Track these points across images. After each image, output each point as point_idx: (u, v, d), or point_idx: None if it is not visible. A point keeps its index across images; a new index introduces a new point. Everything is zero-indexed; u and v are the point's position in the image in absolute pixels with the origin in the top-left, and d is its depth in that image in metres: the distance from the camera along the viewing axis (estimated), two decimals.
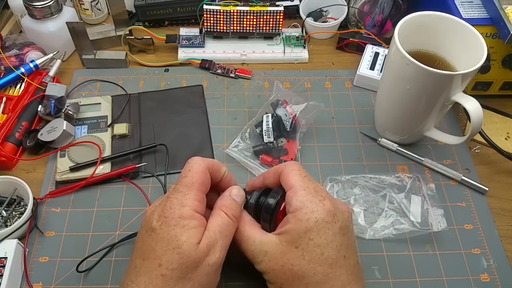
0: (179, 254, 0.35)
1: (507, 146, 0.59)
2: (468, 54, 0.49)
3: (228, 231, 0.38)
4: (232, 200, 0.40)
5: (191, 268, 0.35)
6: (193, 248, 0.35)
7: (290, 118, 0.56)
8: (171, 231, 0.36)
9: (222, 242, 0.37)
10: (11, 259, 0.45)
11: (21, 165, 0.56)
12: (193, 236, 0.36)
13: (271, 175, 0.42)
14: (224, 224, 0.38)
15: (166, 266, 0.35)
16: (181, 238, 0.35)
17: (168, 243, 0.35)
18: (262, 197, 0.42)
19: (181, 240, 0.35)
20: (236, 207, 0.40)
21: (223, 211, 0.39)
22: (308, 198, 0.38)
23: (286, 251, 0.37)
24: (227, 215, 0.39)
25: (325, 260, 0.36)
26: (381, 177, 0.54)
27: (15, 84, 0.62)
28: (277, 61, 0.69)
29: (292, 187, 0.39)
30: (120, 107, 0.61)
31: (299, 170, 0.40)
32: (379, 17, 0.70)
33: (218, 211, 0.39)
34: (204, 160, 0.41)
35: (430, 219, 0.50)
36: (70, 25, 0.62)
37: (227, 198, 0.40)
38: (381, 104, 0.57)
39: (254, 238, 0.39)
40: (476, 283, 0.47)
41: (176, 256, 0.35)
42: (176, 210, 0.36)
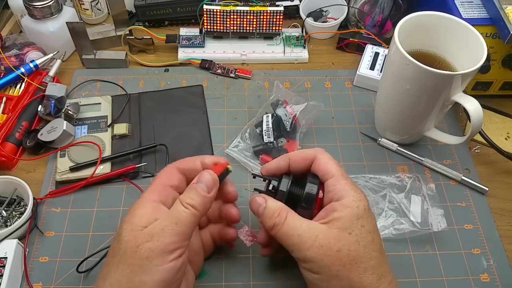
0: (119, 241, 0.36)
1: (507, 146, 0.59)
2: (468, 54, 0.49)
3: (178, 218, 0.37)
4: (191, 188, 0.39)
5: (130, 253, 0.35)
6: (133, 234, 0.36)
7: (290, 118, 0.56)
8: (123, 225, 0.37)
9: (169, 228, 0.36)
10: (11, 259, 0.45)
11: (21, 165, 0.56)
12: (135, 223, 0.36)
13: (300, 161, 0.42)
14: (176, 211, 0.37)
15: (109, 254, 0.37)
16: (123, 226, 0.37)
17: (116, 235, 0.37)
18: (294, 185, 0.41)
19: (122, 228, 0.37)
20: (196, 195, 0.38)
21: (179, 199, 0.38)
22: (351, 187, 0.39)
23: (340, 237, 0.37)
24: (182, 204, 0.38)
25: (376, 246, 0.38)
26: (381, 177, 0.54)
27: (15, 84, 0.62)
28: (277, 61, 0.69)
29: (333, 175, 0.40)
30: (120, 107, 0.61)
31: (333, 159, 0.41)
32: (379, 17, 0.70)
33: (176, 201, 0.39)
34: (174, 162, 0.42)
35: (430, 219, 0.50)
36: (70, 25, 0.62)
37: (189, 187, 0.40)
38: (381, 104, 0.57)
39: (301, 223, 0.38)
40: (476, 283, 0.47)
41: (116, 244, 0.36)
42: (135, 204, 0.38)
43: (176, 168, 0.41)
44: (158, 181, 0.40)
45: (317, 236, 0.37)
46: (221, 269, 0.47)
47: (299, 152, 0.42)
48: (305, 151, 0.42)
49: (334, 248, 0.36)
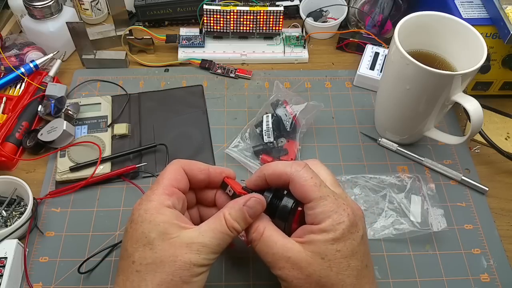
0: (152, 249, 0.35)
1: (507, 146, 0.59)
2: (468, 54, 0.49)
3: (222, 240, 0.36)
4: (241, 212, 0.37)
5: (169, 262, 0.34)
6: (167, 243, 0.35)
7: (290, 118, 0.56)
8: (139, 228, 0.36)
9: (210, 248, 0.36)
10: (11, 259, 0.45)
11: (21, 165, 0.56)
12: (165, 232, 0.35)
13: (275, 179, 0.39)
14: (220, 232, 0.36)
15: (140, 262, 0.35)
16: (150, 235, 0.35)
17: (137, 240, 0.35)
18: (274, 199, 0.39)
19: (151, 237, 0.35)
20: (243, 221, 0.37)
21: (225, 218, 0.37)
22: (331, 207, 0.36)
23: (312, 261, 0.35)
24: (226, 224, 0.37)
25: (351, 271, 0.36)
26: (381, 177, 0.54)
27: (15, 84, 0.62)
28: (277, 61, 0.69)
29: (310, 200, 0.37)
30: (120, 107, 0.61)
31: (312, 178, 0.37)
32: (379, 17, 0.70)
33: (221, 216, 0.37)
34: (180, 160, 0.41)
35: (430, 219, 0.50)
36: (70, 25, 0.62)
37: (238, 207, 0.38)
38: (381, 104, 0.57)
39: (276, 240, 0.37)
40: (476, 283, 0.47)
41: (149, 252, 0.35)
42: (143, 206, 0.37)
43: (182, 169, 0.40)
44: (168, 182, 0.38)
45: (290, 257, 0.36)
46: (221, 269, 0.47)
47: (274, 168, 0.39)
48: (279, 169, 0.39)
49: (304, 272, 0.35)
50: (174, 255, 0.34)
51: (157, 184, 0.38)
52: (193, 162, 0.41)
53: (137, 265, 0.35)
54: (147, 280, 0.34)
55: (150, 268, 0.34)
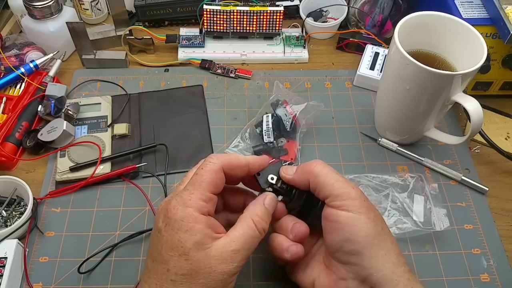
0: (187, 260, 0.34)
1: (507, 146, 0.59)
2: (468, 54, 0.49)
3: (251, 244, 0.37)
4: (265, 209, 0.38)
5: (203, 274, 0.34)
6: (202, 253, 0.34)
7: (290, 118, 0.56)
8: (175, 235, 0.35)
9: (243, 253, 0.36)
10: (11, 259, 0.45)
11: (21, 165, 0.56)
12: (200, 242, 0.35)
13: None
14: (249, 237, 0.36)
15: (175, 271, 0.34)
16: (186, 245, 0.34)
17: (173, 248, 0.35)
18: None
19: (187, 247, 0.34)
20: (268, 218, 0.38)
21: (254, 221, 0.37)
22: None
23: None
24: (256, 226, 0.37)
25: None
26: (384, 176, 0.54)
27: (15, 84, 0.62)
28: (277, 61, 0.69)
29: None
30: (120, 107, 0.61)
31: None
32: (379, 17, 0.70)
33: (248, 220, 0.37)
34: (220, 158, 0.38)
35: (433, 218, 0.49)
36: (70, 25, 0.62)
37: (261, 206, 0.38)
38: (381, 104, 0.57)
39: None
40: (476, 283, 0.47)
41: (185, 263, 0.34)
42: (179, 212, 0.35)
43: (222, 170, 0.38)
44: (206, 187, 0.37)
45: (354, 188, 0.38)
46: None
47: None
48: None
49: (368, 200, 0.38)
50: (209, 266, 0.34)
51: (194, 187, 0.37)
52: (233, 158, 0.39)
53: (172, 274, 0.34)
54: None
55: (185, 279, 0.34)
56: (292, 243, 0.40)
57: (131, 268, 0.48)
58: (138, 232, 0.49)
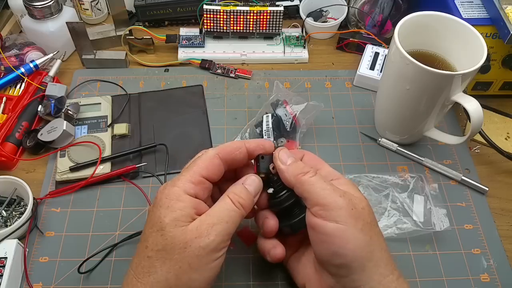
0: (163, 236, 0.35)
1: (507, 146, 0.59)
2: (468, 54, 0.49)
3: (229, 217, 0.37)
4: (242, 188, 0.39)
5: (178, 249, 0.34)
6: (179, 230, 0.35)
7: (290, 118, 0.56)
8: (156, 211, 0.36)
9: (220, 226, 0.36)
10: (11, 259, 0.45)
11: (21, 165, 0.56)
12: (178, 219, 0.35)
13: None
14: (225, 210, 0.37)
15: (151, 247, 0.35)
16: (164, 220, 0.35)
17: (153, 224, 0.36)
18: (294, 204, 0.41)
19: (164, 222, 0.35)
20: (246, 195, 0.38)
21: (229, 197, 0.38)
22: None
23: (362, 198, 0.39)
24: (232, 201, 0.37)
25: None
26: (384, 176, 0.54)
27: (15, 84, 0.62)
28: (277, 61, 0.69)
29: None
30: (120, 107, 0.61)
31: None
32: (379, 17, 0.70)
33: (224, 197, 0.38)
34: (216, 148, 0.40)
35: (433, 218, 0.49)
36: (70, 25, 0.62)
37: (238, 185, 0.39)
38: (381, 104, 0.57)
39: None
40: (476, 283, 0.47)
41: (160, 238, 0.35)
42: (166, 190, 0.37)
43: (218, 157, 0.39)
44: (197, 170, 0.38)
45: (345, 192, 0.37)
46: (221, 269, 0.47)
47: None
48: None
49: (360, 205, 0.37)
50: (184, 242, 0.34)
51: (186, 171, 0.38)
52: (227, 144, 0.40)
53: (149, 250, 0.35)
54: (156, 266, 0.35)
55: (160, 254, 0.35)
56: (272, 245, 0.41)
57: None
58: (138, 232, 0.49)
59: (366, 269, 0.36)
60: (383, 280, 0.36)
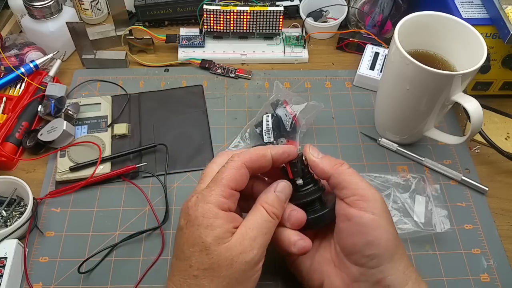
0: (208, 255, 0.35)
1: (507, 146, 0.59)
2: (468, 54, 0.49)
3: (267, 228, 0.37)
4: (275, 196, 0.39)
5: (225, 266, 0.35)
6: (223, 247, 0.35)
7: (290, 118, 0.56)
8: (195, 231, 0.35)
9: (261, 239, 0.36)
10: (11, 259, 0.45)
11: (21, 165, 0.56)
12: (220, 236, 0.35)
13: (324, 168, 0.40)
14: (263, 222, 0.37)
15: (197, 267, 0.35)
16: (206, 239, 0.35)
17: (194, 244, 0.35)
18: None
19: (207, 242, 0.35)
20: (279, 204, 0.39)
21: (264, 207, 0.38)
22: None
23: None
24: (267, 212, 0.38)
25: None
26: (386, 176, 0.54)
27: (15, 84, 0.62)
28: (277, 61, 0.69)
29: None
30: (120, 107, 0.61)
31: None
32: (379, 17, 0.70)
33: (258, 207, 0.38)
34: (241, 155, 0.39)
35: (433, 219, 0.49)
36: (70, 25, 0.62)
37: (270, 194, 0.39)
38: (381, 104, 0.57)
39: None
40: (476, 283, 0.47)
41: (206, 257, 0.35)
42: (199, 208, 0.36)
43: (245, 166, 0.38)
44: (226, 183, 0.37)
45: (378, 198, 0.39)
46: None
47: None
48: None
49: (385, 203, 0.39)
50: (230, 258, 0.35)
51: (215, 184, 0.37)
52: (252, 151, 0.39)
53: (194, 269, 0.35)
54: (204, 284, 0.35)
55: (207, 273, 0.35)
56: (300, 237, 0.39)
57: (131, 268, 0.48)
58: (138, 232, 0.49)
59: (393, 260, 0.37)
60: (406, 270, 0.37)
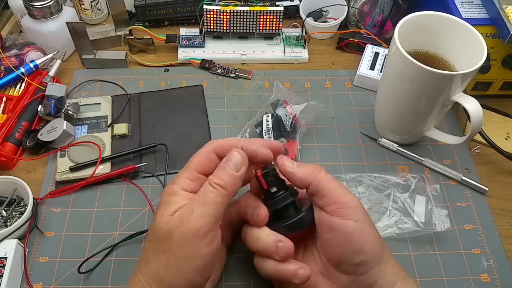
0: (152, 227, 0.37)
1: (507, 146, 0.59)
2: (468, 54, 0.49)
3: (207, 199, 0.36)
4: (219, 168, 0.38)
5: (165, 240, 0.35)
6: (164, 220, 0.36)
7: (290, 118, 0.56)
8: (157, 208, 0.38)
9: (198, 210, 0.35)
10: (11, 259, 0.45)
11: (21, 165, 0.56)
12: (168, 209, 0.36)
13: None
14: (204, 193, 0.36)
15: (148, 240, 0.38)
16: (157, 213, 0.37)
17: (153, 220, 0.38)
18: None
19: (156, 215, 0.37)
20: (224, 174, 0.37)
21: (208, 180, 0.37)
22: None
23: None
24: (210, 184, 0.36)
25: None
26: (386, 176, 0.54)
27: (15, 84, 0.62)
28: (277, 61, 0.69)
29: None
30: (120, 107, 0.61)
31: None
32: (379, 17, 0.70)
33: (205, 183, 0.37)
34: (213, 142, 0.40)
35: (434, 219, 0.49)
36: (70, 25, 0.62)
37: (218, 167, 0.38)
38: (381, 104, 0.57)
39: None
40: (476, 283, 0.47)
41: (151, 230, 0.37)
42: (167, 188, 0.39)
43: (214, 152, 0.39)
44: (193, 166, 0.39)
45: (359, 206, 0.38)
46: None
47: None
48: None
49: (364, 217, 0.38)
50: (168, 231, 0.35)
51: (185, 167, 0.40)
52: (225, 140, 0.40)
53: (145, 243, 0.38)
54: (149, 258, 0.36)
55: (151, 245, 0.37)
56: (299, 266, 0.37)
57: (131, 268, 0.47)
58: (138, 232, 0.49)
59: (382, 263, 0.37)
60: (394, 271, 0.37)
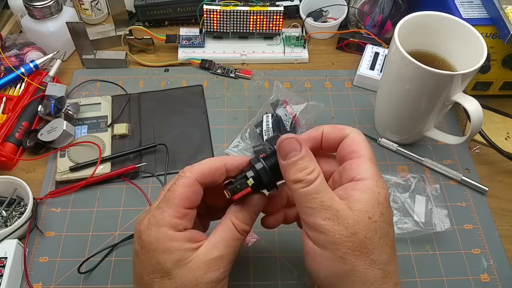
0: (171, 279, 0.33)
1: (507, 146, 0.59)
2: (468, 54, 0.49)
3: (234, 247, 0.35)
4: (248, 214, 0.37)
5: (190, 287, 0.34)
6: (185, 269, 0.33)
7: (290, 118, 0.56)
8: (152, 258, 0.33)
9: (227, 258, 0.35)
10: (11, 259, 0.45)
11: (21, 165, 0.56)
12: (180, 259, 0.33)
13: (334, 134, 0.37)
14: (231, 240, 0.35)
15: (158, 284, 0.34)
16: (166, 265, 0.33)
17: (153, 271, 0.33)
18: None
19: (167, 267, 0.33)
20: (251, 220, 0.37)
21: (234, 224, 0.36)
22: (376, 172, 0.35)
23: (359, 220, 0.33)
24: (236, 229, 0.36)
25: (390, 241, 0.34)
26: (386, 176, 0.54)
27: (15, 84, 0.62)
28: (277, 61, 0.69)
29: (360, 156, 0.35)
30: (120, 107, 0.61)
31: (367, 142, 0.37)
32: (379, 17, 0.70)
33: (228, 223, 0.36)
34: (193, 170, 0.36)
35: (434, 219, 0.49)
36: (70, 25, 0.62)
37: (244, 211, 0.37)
38: (381, 104, 0.57)
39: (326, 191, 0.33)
40: (476, 283, 0.47)
41: (168, 282, 0.33)
42: (153, 233, 0.34)
43: (197, 182, 0.36)
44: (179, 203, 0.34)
45: (338, 211, 0.32)
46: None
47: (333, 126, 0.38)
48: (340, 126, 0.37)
49: (350, 230, 0.32)
50: (194, 279, 0.33)
51: (167, 204, 0.34)
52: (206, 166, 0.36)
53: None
54: None
55: None
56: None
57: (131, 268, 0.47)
58: None
59: None
60: None
